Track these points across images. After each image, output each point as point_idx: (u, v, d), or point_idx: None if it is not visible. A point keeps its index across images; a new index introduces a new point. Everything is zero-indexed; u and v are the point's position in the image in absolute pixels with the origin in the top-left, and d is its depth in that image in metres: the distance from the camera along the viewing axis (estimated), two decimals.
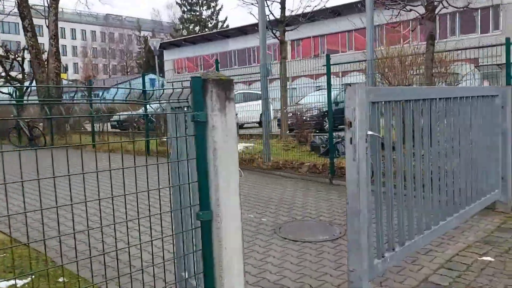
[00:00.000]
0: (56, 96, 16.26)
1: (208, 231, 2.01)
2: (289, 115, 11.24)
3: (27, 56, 18.33)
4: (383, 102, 3.25)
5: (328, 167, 7.21)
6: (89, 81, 30.30)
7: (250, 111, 12.15)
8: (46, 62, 16.99)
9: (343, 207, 5.47)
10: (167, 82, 43.08)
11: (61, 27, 76.14)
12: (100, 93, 40.38)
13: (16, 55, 19.85)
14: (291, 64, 16.05)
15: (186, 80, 9.24)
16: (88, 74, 57.46)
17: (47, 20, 17.07)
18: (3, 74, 19.89)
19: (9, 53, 19.86)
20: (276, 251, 4.14)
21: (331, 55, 6.89)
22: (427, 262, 3.74)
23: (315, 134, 10.24)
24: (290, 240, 4.47)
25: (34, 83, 17.88)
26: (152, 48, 20.15)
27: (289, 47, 35.05)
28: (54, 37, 16.64)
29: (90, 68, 68.18)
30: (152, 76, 51.34)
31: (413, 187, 3.59)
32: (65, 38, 77.16)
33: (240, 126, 14.92)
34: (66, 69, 25.42)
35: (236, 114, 2.13)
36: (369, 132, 3.03)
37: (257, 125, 12.96)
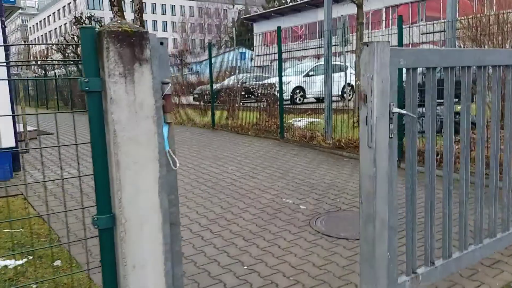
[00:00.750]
0: None
1: (108, 242, 1.47)
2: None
3: None
4: (423, 69, 2.39)
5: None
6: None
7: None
8: None
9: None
10: (255, 56, 43.02)
11: (162, 4, 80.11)
12: (194, 67, 41.66)
13: None
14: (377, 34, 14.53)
15: (274, 53, 8.60)
16: (185, 48, 59.59)
17: None
18: None
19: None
20: (301, 248, 3.49)
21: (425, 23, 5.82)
22: (489, 279, 2.84)
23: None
24: (324, 235, 3.77)
25: None
26: (230, 19, 19.73)
27: (383, 15, 32.55)
28: (139, 11, 17.02)
29: (187, 44, 70.61)
30: (242, 49, 51.63)
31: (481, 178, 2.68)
32: (165, 14, 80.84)
33: (322, 100, 14.05)
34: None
35: (168, 83, 1.52)
36: (395, 110, 2.21)
37: (339, 99, 12.06)
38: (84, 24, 20.88)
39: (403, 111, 2.25)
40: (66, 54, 24.20)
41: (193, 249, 3.46)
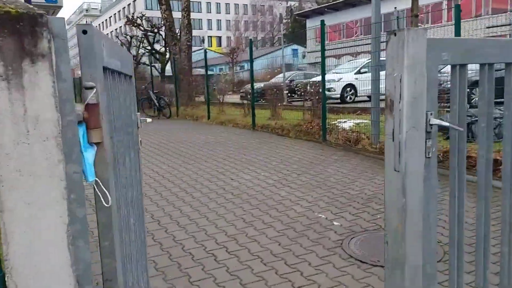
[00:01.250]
0: (187, 68, 16.69)
1: None
2: None
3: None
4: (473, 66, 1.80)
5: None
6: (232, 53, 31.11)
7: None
8: (179, 34, 17.56)
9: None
10: (307, 52, 42.10)
11: (217, 2, 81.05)
12: (245, 65, 41.56)
13: (159, 29, 21.11)
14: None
15: (328, 49, 8.07)
16: (236, 46, 59.59)
17: None
18: (148, 47, 21.43)
19: (153, 27, 21.24)
20: (327, 277, 2.97)
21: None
22: None
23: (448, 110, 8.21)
24: (357, 260, 3.22)
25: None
26: (277, 15, 19.22)
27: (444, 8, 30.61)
28: (186, 10, 17.00)
29: (240, 41, 70.92)
30: (294, 46, 50.74)
31: None
32: (219, 12, 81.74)
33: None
34: (202, 41, 26.20)
35: (92, 87, 1.10)
36: (434, 121, 1.65)
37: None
38: (135, 24, 21.27)
39: (446, 123, 1.68)
40: None
41: (202, 273, 3.04)
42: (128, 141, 1.78)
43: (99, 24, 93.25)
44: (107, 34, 73.80)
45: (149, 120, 2.25)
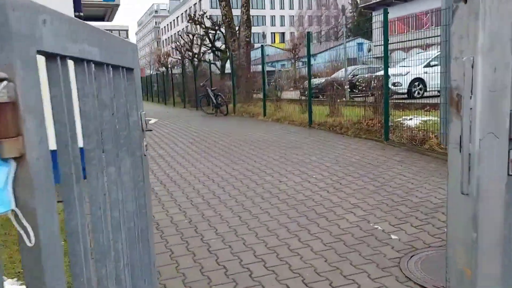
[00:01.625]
0: (245, 65, 16.51)
1: None
2: None
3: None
4: None
5: None
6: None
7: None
8: (238, 30, 17.42)
9: None
10: (374, 46, 40.51)
11: None
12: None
13: (220, 27, 21.15)
14: None
15: (395, 43, 7.52)
16: (299, 41, 58.78)
17: None
18: (209, 44, 21.58)
19: (214, 25, 21.34)
20: None
21: None
22: None
23: None
24: (416, 284, 2.72)
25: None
26: (340, 7, 18.44)
27: None
28: (245, 5, 16.79)
29: (304, 36, 69.90)
30: (359, 40, 49.11)
31: None
32: (283, 8, 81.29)
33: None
34: (263, 37, 25.97)
35: (4, 79, 0.77)
36: None
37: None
38: (197, 21, 21.48)
39: None
40: (183, 52, 25.34)
41: None
42: (119, 148, 1.46)
43: (167, 25, 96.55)
44: (176, 33, 76.03)
45: (153, 120, 1.91)
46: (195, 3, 76.93)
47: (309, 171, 5.51)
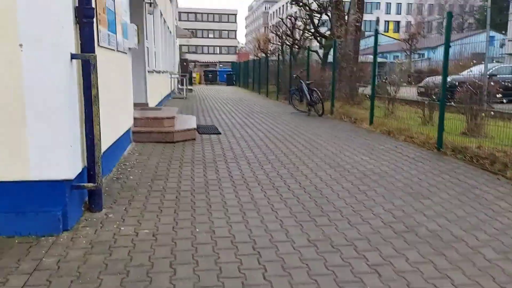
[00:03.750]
0: (352, 55, 13.62)
1: None
2: None
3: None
4: None
5: None
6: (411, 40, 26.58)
7: None
8: (346, 14, 14.52)
9: None
10: (507, 41, 34.29)
11: None
12: (425, 53, 35.90)
13: (327, 10, 18.32)
14: None
15: None
16: (417, 32, 52.77)
17: None
18: (312, 30, 18.93)
19: (320, 7, 18.58)
20: None
21: None
22: None
23: None
24: None
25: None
26: None
27: None
28: None
29: (422, 26, 63.23)
30: (491, 33, 42.27)
31: None
32: None
33: None
34: (377, 23, 22.46)
35: None
36: None
37: None
38: (301, 3, 18.91)
39: None
40: (284, 38, 22.99)
41: None
42: None
43: (276, 10, 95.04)
44: (284, 18, 74.22)
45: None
46: None
47: (437, 257, 2.74)
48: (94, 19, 3.90)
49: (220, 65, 67.43)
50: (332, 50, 13.79)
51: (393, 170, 5.49)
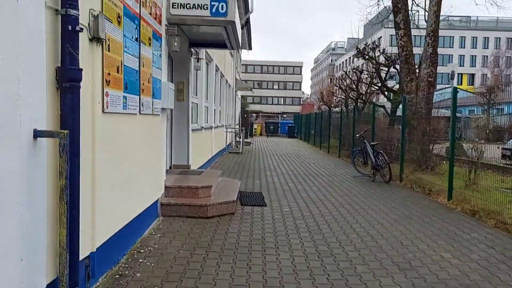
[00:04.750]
0: (425, 112, 12.16)
1: None
2: None
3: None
4: None
5: None
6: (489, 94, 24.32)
7: None
8: (417, 68, 13.21)
9: None
10: None
11: (473, 36, 71.13)
12: (505, 107, 32.99)
13: (395, 62, 17.06)
14: None
15: None
16: (496, 85, 49.23)
17: (426, 12, 13.23)
18: (379, 83, 17.69)
19: (387, 60, 17.38)
20: None
21: None
22: None
23: None
24: None
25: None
26: None
27: None
28: (432, 34, 12.54)
29: (500, 79, 59.35)
30: None
31: None
32: (474, 47, 71.50)
33: None
34: (451, 78, 20.68)
35: None
36: None
37: None
38: (367, 56, 17.84)
39: None
40: (348, 91, 21.90)
41: None
42: None
43: (343, 62, 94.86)
44: (350, 70, 73.68)
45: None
46: (374, 41, 73.13)
47: None
48: (90, 81, 3.08)
49: (284, 116, 67.35)
50: (401, 106, 12.44)
51: (486, 279, 4.01)
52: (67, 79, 2.61)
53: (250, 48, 31.22)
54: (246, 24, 22.78)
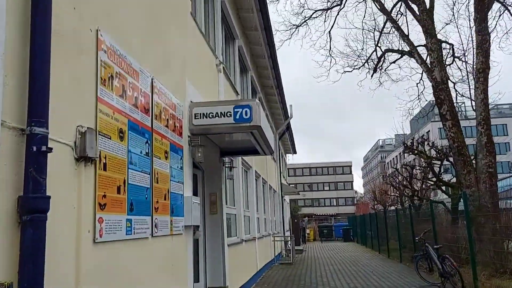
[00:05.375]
0: (490, 206, 10.85)
1: None
2: None
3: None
4: None
5: None
6: None
7: None
8: (473, 159, 12.17)
9: None
10: None
11: None
12: None
13: (448, 155, 16.03)
14: None
15: None
16: None
17: (472, 101, 12.55)
18: (433, 179, 16.49)
19: (439, 153, 16.38)
20: None
21: None
22: None
23: None
24: None
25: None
26: None
27: None
28: (484, 123, 11.71)
29: None
30: None
31: None
32: None
33: None
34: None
35: None
36: None
37: None
38: (416, 151, 16.99)
39: None
40: (401, 189, 20.64)
41: None
42: None
43: (393, 159, 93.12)
44: (401, 167, 71.56)
45: None
46: (423, 135, 71.86)
47: None
48: (75, 207, 2.61)
49: (338, 218, 64.91)
50: (462, 202, 11.20)
51: None
52: (27, 210, 2.13)
53: (294, 152, 31.27)
54: (288, 130, 22.97)
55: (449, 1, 47.31)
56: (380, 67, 16.87)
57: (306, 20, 17.54)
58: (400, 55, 15.95)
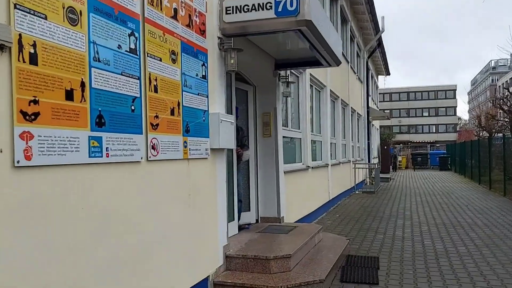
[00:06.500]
0: None
1: None
2: None
3: None
4: None
5: None
6: None
7: None
8: None
9: None
10: None
11: None
12: None
13: None
14: None
15: None
16: None
17: None
18: None
19: None
20: None
21: None
22: None
23: None
24: None
25: None
26: None
27: None
28: None
29: None
30: None
31: None
32: None
33: None
34: None
35: None
36: None
37: None
38: None
39: None
40: (511, 110, 17.57)
41: None
42: None
43: (506, 81, 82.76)
44: (508, 89, 64.20)
45: None
46: None
47: None
48: None
49: (437, 145, 60.51)
50: None
51: None
52: None
53: (387, 74, 28.44)
54: (379, 46, 20.47)
55: None
56: None
57: None
58: None
